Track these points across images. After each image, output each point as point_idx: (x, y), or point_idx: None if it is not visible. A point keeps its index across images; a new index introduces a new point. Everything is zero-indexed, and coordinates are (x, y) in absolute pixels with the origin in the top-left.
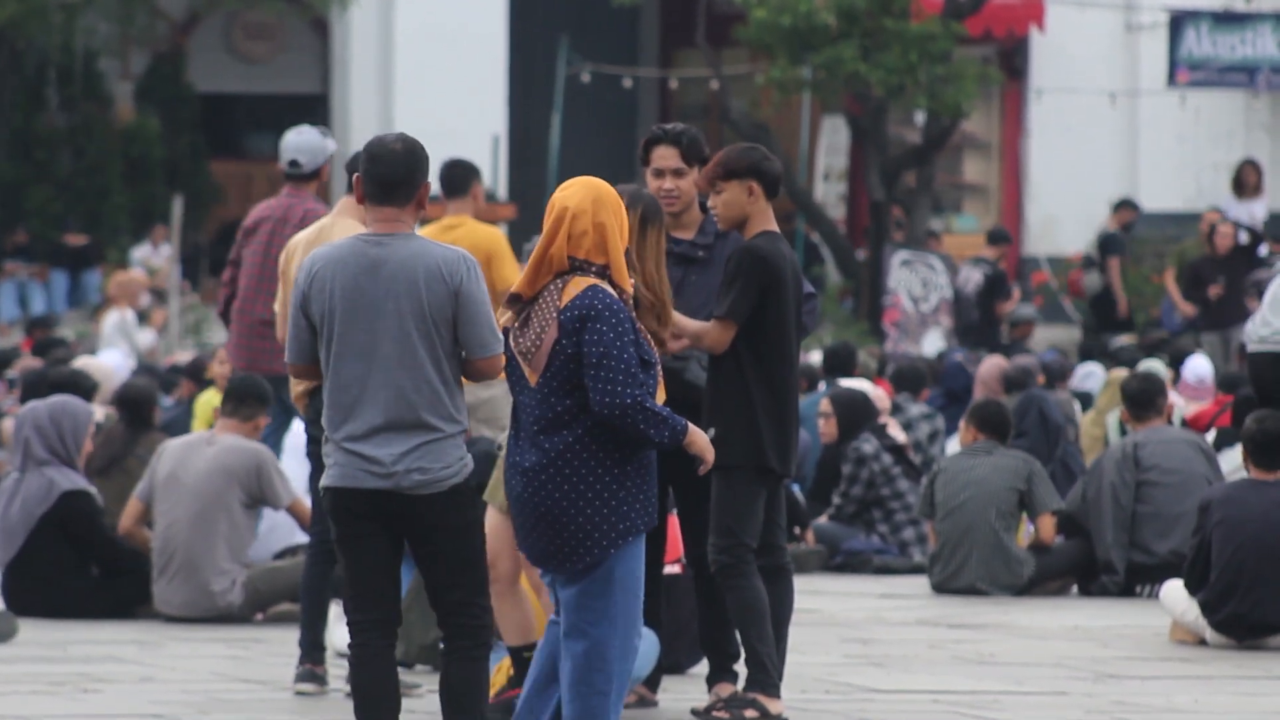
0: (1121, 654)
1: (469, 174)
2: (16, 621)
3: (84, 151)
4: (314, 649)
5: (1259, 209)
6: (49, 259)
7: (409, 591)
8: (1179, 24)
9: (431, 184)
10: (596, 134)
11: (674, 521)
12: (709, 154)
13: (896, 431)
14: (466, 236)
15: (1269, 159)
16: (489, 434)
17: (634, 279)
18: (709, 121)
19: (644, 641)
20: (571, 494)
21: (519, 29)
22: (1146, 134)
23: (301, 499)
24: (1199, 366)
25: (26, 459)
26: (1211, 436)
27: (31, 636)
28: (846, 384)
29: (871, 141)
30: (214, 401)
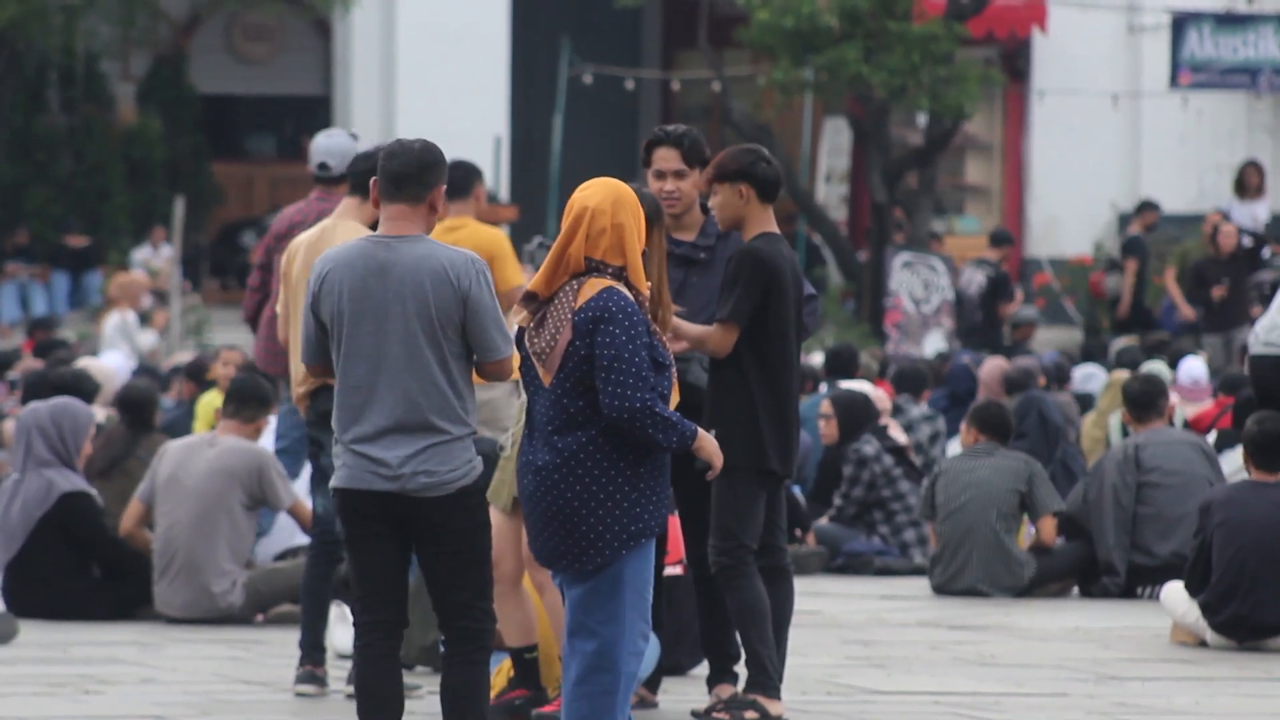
0: (1122, 655)
1: (471, 175)
2: (17, 623)
3: (85, 153)
4: (314, 650)
5: (1261, 210)
6: (50, 260)
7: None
8: (1181, 25)
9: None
10: (598, 135)
11: (675, 522)
12: (710, 156)
13: (897, 433)
14: (469, 238)
15: (1271, 160)
16: (489, 435)
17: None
18: (711, 123)
19: None
20: (584, 494)
21: (521, 30)
22: (1149, 135)
23: (302, 501)
24: (1193, 368)
25: (27, 460)
26: (1212, 438)
27: (32, 638)
28: (847, 386)
29: (873, 143)
30: (215, 403)
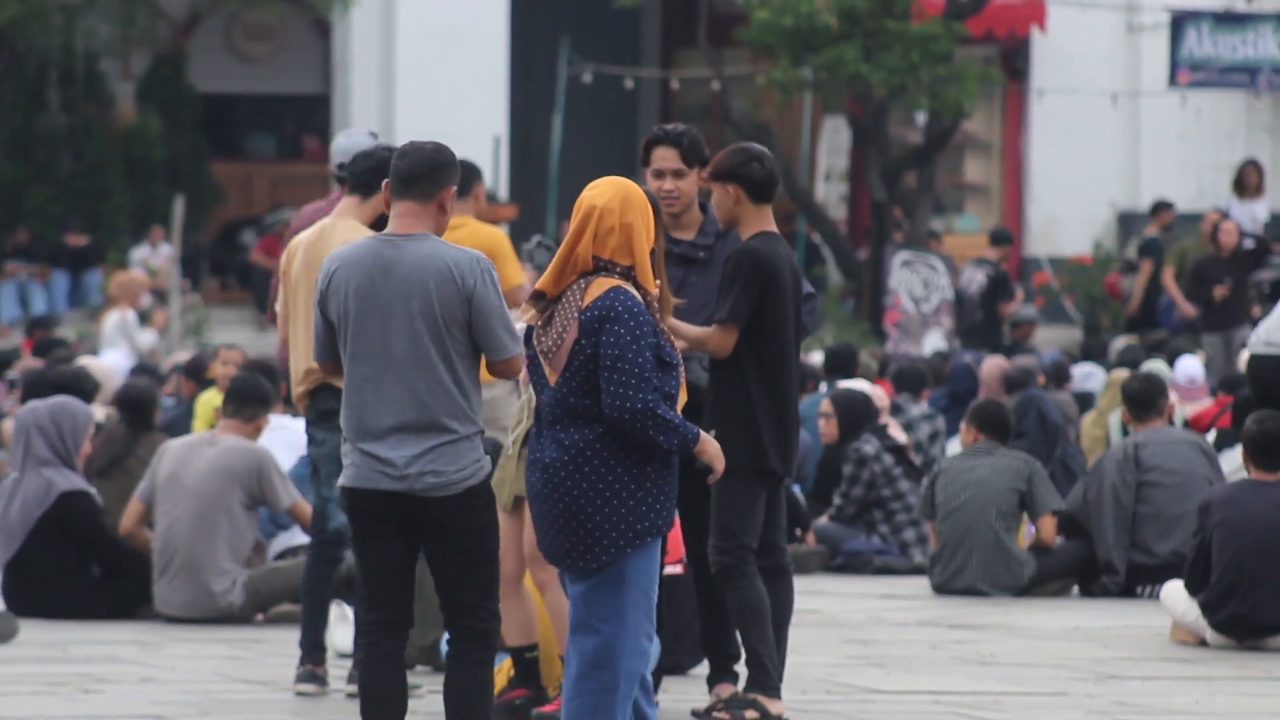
0: (1122, 654)
1: (470, 174)
2: (17, 622)
3: (84, 152)
4: (315, 649)
5: (1260, 209)
6: (50, 259)
7: None
8: (1180, 24)
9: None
10: (597, 134)
11: (675, 521)
12: (709, 155)
13: (897, 432)
14: (469, 237)
15: (1270, 159)
16: (490, 434)
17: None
18: (710, 122)
19: None
20: (590, 492)
21: (520, 29)
22: (1148, 134)
23: (302, 500)
24: (1189, 367)
25: (26, 459)
26: (1212, 437)
27: (32, 637)
28: (846, 385)
29: (873, 142)
30: (215, 402)
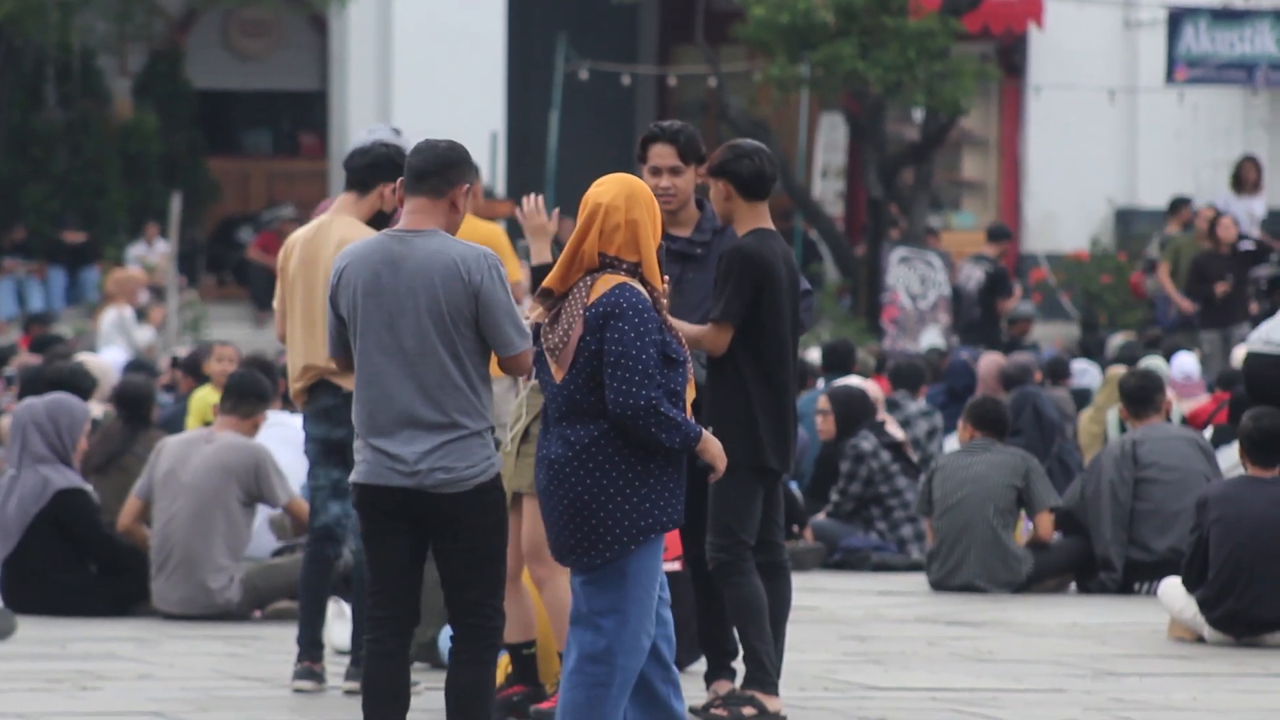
0: (1120, 651)
1: None
2: (15, 619)
3: (81, 148)
4: (312, 646)
5: (1258, 206)
6: (47, 256)
7: None
8: (1177, 21)
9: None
10: (595, 131)
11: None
12: (706, 152)
13: (895, 429)
14: (467, 233)
15: (1267, 156)
16: None
17: None
18: (707, 119)
19: None
20: (594, 488)
21: (517, 26)
22: (1145, 131)
23: (299, 498)
24: (1185, 363)
25: (23, 456)
26: (1209, 434)
27: (30, 634)
28: (843, 382)
29: (870, 139)
30: (209, 398)
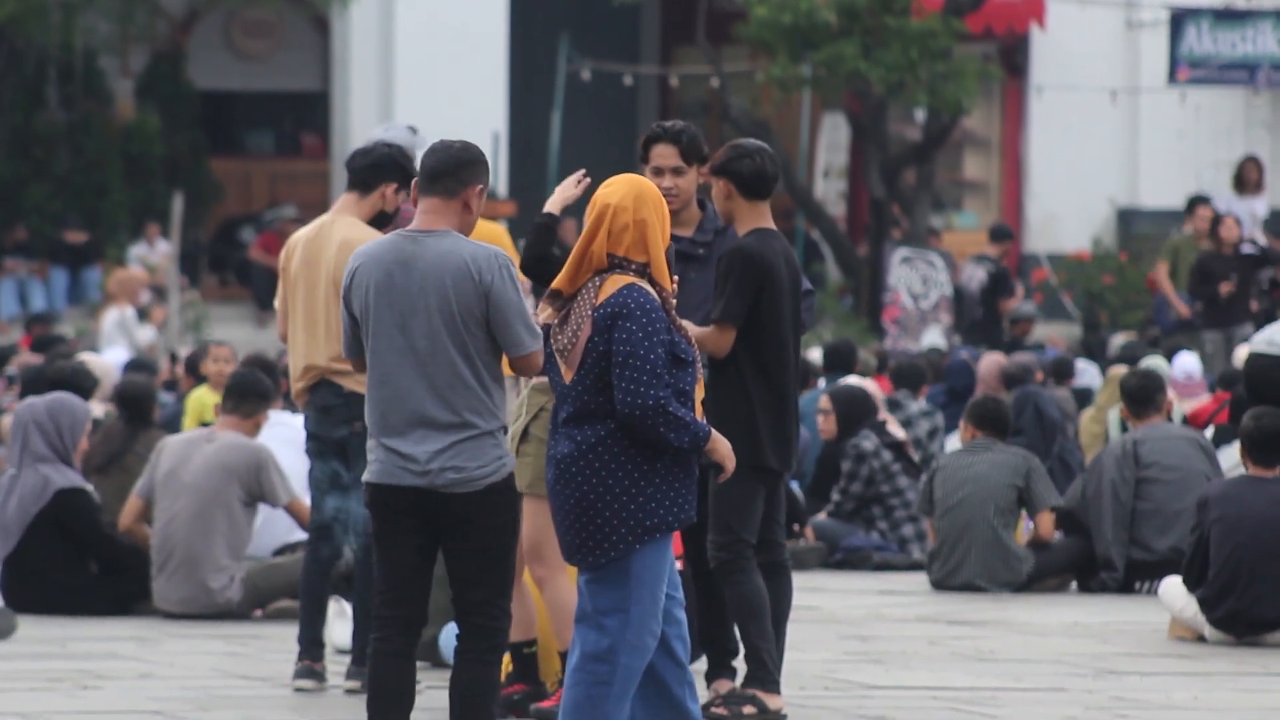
0: (1120, 650)
1: None
2: (16, 618)
3: (83, 149)
4: (313, 645)
5: (1260, 206)
6: (49, 256)
7: None
8: (1179, 21)
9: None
10: (597, 131)
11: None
12: (708, 152)
13: (896, 428)
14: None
15: (1269, 156)
16: None
17: None
18: (709, 119)
19: None
20: (599, 487)
21: (519, 26)
22: (1147, 131)
23: (300, 498)
24: (1187, 363)
25: (24, 455)
26: (1210, 433)
27: (30, 633)
28: (843, 381)
29: (872, 139)
30: (205, 399)
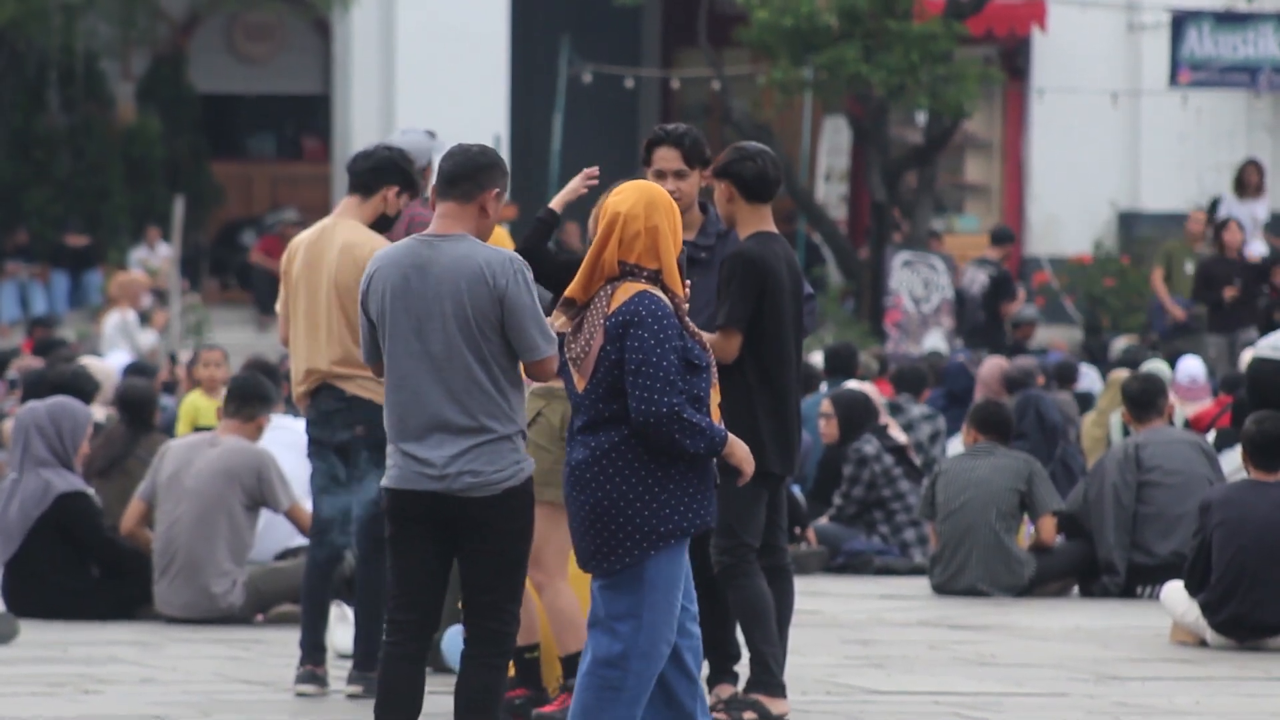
0: (1122, 655)
1: None
2: (17, 623)
3: (84, 152)
4: (315, 650)
5: (1261, 209)
6: (50, 260)
7: None
8: (1181, 24)
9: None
10: (598, 134)
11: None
12: (711, 155)
13: (897, 432)
14: None
15: (1271, 159)
16: None
17: None
18: (710, 122)
19: None
20: (613, 494)
21: (520, 29)
22: (1148, 134)
23: (301, 504)
24: (1191, 367)
25: (25, 459)
26: (1212, 437)
27: (32, 637)
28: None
29: (873, 142)
30: (198, 403)
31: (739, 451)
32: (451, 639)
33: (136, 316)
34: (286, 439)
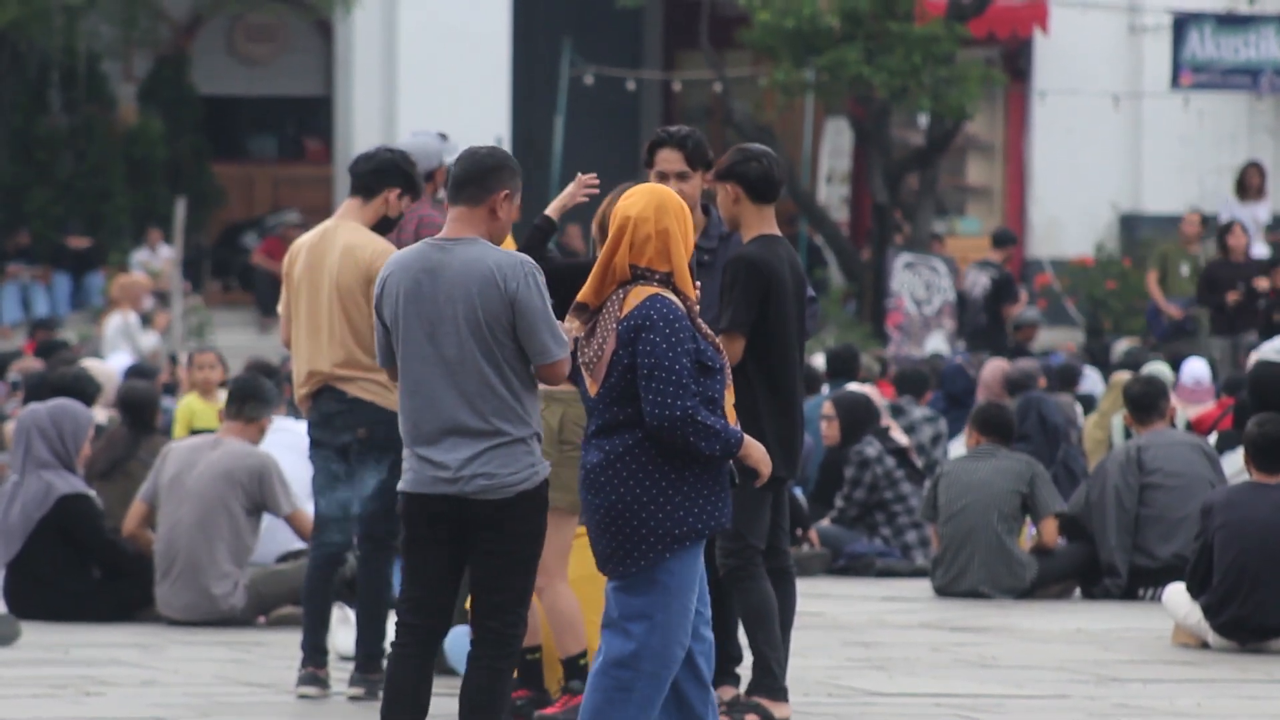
0: (1124, 657)
1: None
2: (19, 625)
3: (86, 153)
4: (316, 652)
5: (1262, 212)
6: (51, 261)
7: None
8: (1182, 26)
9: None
10: (599, 136)
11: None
12: (713, 157)
13: (899, 434)
14: None
15: (1272, 161)
16: None
17: None
18: (712, 124)
19: None
20: (627, 496)
21: (522, 31)
22: (1150, 136)
23: (303, 510)
24: (1196, 369)
25: (27, 461)
26: (1213, 439)
27: (33, 639)
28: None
29: (875, 144)
30: (193, 405)
31: (755, 452)
32: (455, 640)
33: (138, 318)
34: (288, 441)
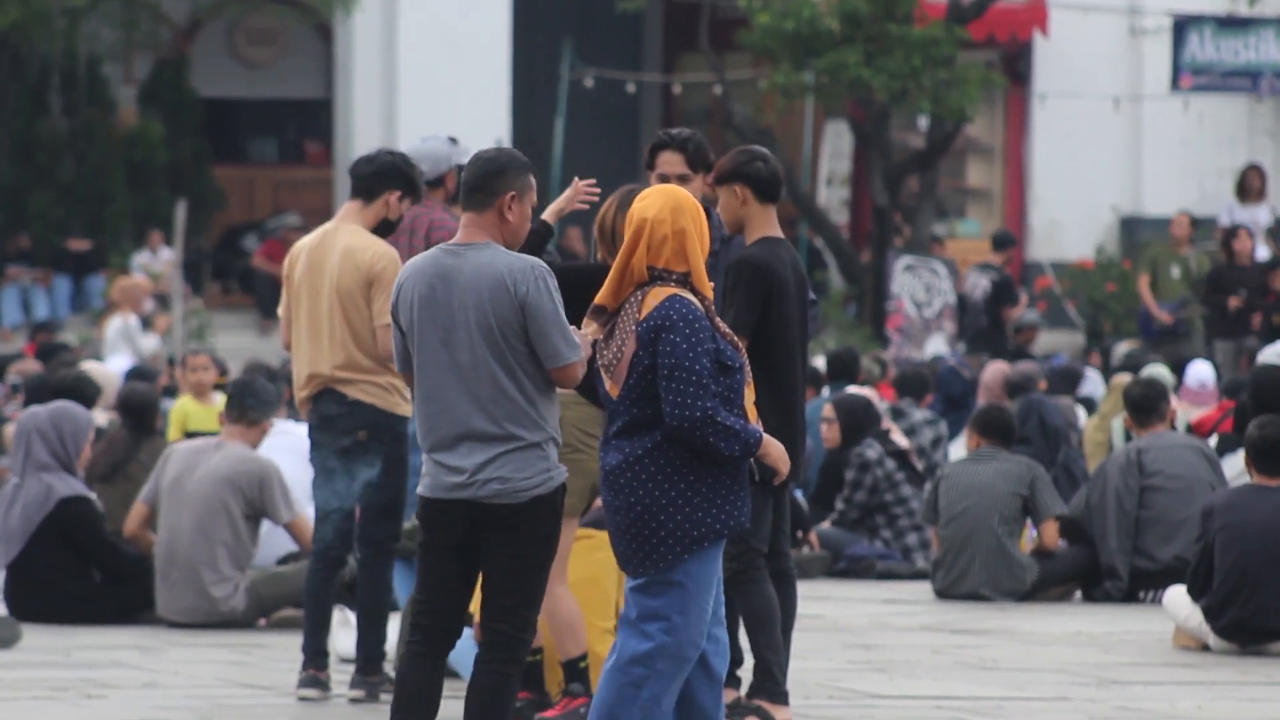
0: (1124, 660)
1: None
2: (20, 627)
3: (86, 156)
4: (317, 654)
5: (1263, 214)
6: (52, 264)
7: (407, 603)
8: (1182, 28)
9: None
10: (599, 139)
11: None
12: (714, 160)
13: (899, 437)
14: None
15: (1272, 163)
16: None
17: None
18: (712, 126)
19: None
20: (646, 498)
21: (522, 33)
22: (1150, 139)
23: (303, 517)
24: (1200, 371)
25: (27, 464)
26: (1214, 442)
27: (34, 642)
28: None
29: (875, 146)
30: (188, 407)
31: (774, 451)
32: (459, 645)
33: (138, 321)
34: (288, 444)
